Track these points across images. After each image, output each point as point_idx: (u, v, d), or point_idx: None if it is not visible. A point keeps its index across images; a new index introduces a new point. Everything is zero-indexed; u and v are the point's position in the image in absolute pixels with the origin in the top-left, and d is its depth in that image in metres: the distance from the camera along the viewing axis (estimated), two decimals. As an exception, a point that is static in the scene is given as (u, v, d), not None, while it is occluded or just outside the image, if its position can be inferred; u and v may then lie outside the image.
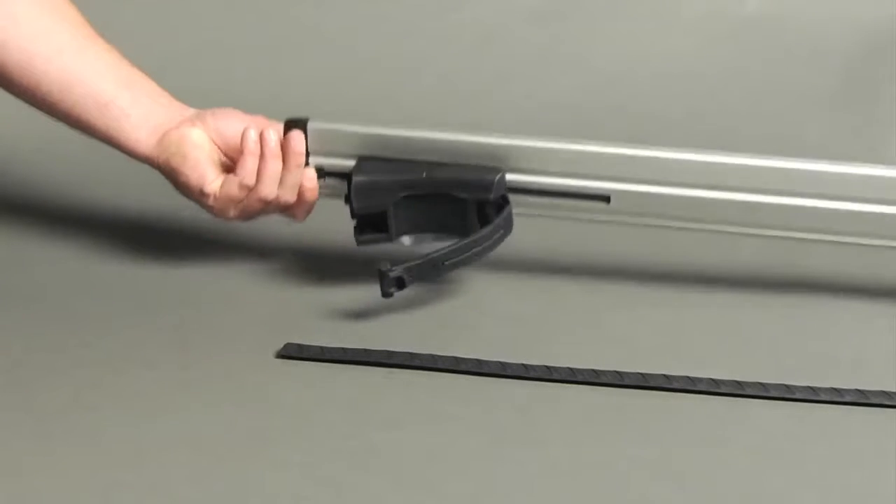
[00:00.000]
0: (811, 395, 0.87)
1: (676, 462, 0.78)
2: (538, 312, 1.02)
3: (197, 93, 1.54)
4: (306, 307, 1.02)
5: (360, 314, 1.01)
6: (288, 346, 0.93)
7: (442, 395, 0.87)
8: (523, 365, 0.90)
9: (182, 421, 0.82)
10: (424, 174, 0.99)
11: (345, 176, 1.00)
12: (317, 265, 1.10)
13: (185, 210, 1.23)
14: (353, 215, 1.01)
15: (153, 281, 1.07)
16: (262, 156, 0.98)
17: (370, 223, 1.01)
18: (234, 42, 1.62)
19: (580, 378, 0.89)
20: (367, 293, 1.05)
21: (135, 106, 1.03)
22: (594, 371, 0.89)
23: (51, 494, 0.73)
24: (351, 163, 1.01)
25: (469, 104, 1.59)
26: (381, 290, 0.96)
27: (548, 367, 0.90)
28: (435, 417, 0.84)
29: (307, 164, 1.00)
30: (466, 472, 0.77)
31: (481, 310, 1.02)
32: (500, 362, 0.91)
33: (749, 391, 0.87)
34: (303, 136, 0.99)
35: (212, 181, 1.01)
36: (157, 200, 1.26)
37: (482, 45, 1.65)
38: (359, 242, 1.02)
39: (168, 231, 1.19)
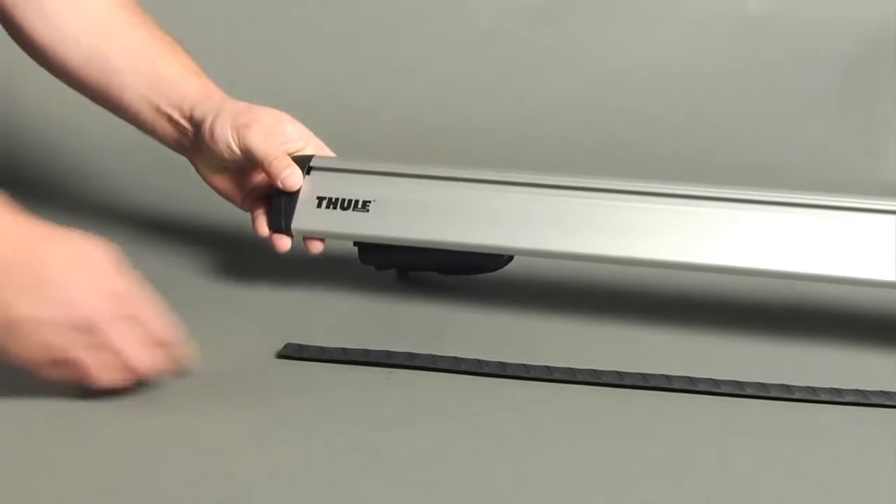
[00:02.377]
0: (811, 396, 0.87)
1: (676, 462, 0.78)
2: (538, 313, 1.02)
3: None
4: (306, 307, 1.02)
5: (361, 314, 1.01)
6: (288, 346, 0.93)
7: (441, 396, 0.87)
8: (523, 365, 0.90)
9: (182, 421, 0.82)
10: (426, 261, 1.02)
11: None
12: (318, 266, 1.10)
13: (187, 210, 1.24)
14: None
15: (153, 280, 1.07)
16: None
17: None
18: (235, 43, 1.62)
19: (580, 378, 0.89)
20: (367, 294, 1.05)
21: (157, 125, 1.05)
22: (594, 371, 0.89)
23: (50, 494, 0.73)
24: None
25: (468, 104, 1.59)
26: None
27: (548, 368, 0.90)
28: (434, 418, 0.84)
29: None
30: (466, 473, 0.76)
31: (481, 311, 1.02)
32: (500, 362, 0.91)
33: (749, 391, 0.87)
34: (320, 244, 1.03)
35: (243, 205, 1.06)
36: (158, 201, 1.27)
37: (482, 45, 1.65)
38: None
39: (168, 230, 1.20)
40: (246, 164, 1.02)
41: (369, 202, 0.99)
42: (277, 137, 1.01)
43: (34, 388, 0.86)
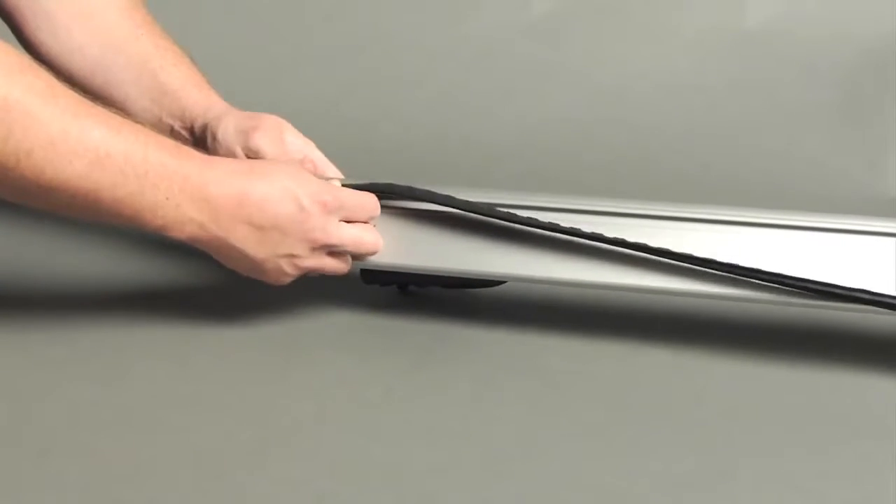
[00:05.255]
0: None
1: (676, 476, 0.78)
2: (538, 327, 1.02)
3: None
4: (307, 321, 1.02)
5: (361, 328, 1.01)
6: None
7: (440, 409, 0.87)
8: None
9: (181, 436, 0.82)
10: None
11: None
12: (318, 279, 1.09)
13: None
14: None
15: (152, 294, 1.07)
16: None
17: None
18: (235, 56, 1.62)
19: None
20: (367, 308, 1.05)
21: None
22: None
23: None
24: None
25: (469, 118, 1.59)
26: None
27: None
28: (433, 432, 0.84)
29: None
30: (465, 488, 0.76)
31: (482, 325, 1.02)
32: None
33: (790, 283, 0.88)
34: None
35: None
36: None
37: (483, 59, 1.65)
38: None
39: (169, 242, 1.19)
40: None
41: None
42: (282, 145, 1.01)
43: (33, 402, 0.86)
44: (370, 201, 0.97)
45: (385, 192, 0.97)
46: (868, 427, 0.86)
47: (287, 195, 0.91)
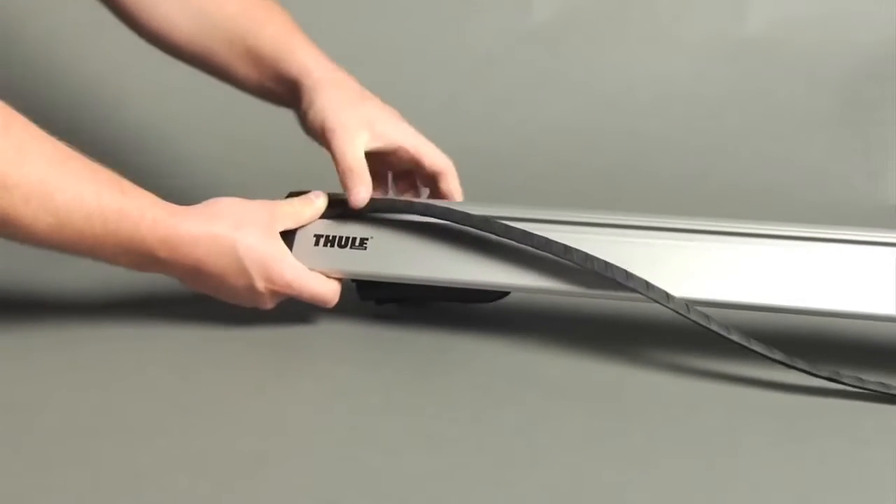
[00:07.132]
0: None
1: (675, 486, 0.78)
2: (537, 339, 1.02)
3: (202, 117, 1.54)
4: (306, 334, 1.02)
5: (361, 341, 1.01)
6: None
7: (441, 419, 0.87)
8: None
9: (181, 444, 0.82)
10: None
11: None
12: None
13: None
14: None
15: (152, 302, 1.07)
16: None
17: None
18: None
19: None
20: (367, 321, 1.05)
21: (264, 94, 1.12)
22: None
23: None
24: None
25: (470, 126, 1.60)
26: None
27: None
28: (433, 441, 0.84)
29: None
30: (465, 496, 0.76)
31: (481, 337, 1.02)
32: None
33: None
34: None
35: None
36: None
37: (483, 67, 1.65)
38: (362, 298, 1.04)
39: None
40: None
41: (367, 239, 0.99)
42: (360, 142, 1.03)
43: (32, 411, 0.86)
44: (328, 294, 0.99)
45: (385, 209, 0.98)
46: (872, 433, 0.86)
47: (242, 277, 0.95)
